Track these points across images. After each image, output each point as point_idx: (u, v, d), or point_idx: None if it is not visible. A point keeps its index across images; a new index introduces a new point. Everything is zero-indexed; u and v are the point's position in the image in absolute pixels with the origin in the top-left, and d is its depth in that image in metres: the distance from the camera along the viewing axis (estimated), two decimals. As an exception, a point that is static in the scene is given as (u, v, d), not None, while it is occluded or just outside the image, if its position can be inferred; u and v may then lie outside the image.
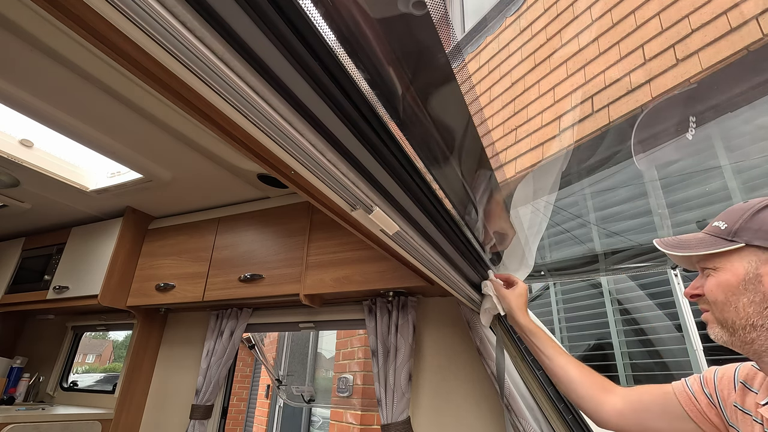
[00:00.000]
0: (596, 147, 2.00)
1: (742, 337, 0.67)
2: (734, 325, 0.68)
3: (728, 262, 0.69)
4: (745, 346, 0.68)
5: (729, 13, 1.78)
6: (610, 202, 2.56)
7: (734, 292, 0.68)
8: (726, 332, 0.70)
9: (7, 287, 2.55)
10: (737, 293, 0.67)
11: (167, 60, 0.45)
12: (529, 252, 1.30)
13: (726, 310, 0.69)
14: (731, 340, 0.69)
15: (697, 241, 0.73)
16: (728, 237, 0.69)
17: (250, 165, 1.74)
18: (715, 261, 0.71)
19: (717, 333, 0.71)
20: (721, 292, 0.69)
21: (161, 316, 2.44)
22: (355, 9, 0.49)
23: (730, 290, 0.68)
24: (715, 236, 0.71)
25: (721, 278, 0.69)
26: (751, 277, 0.66)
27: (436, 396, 1.63)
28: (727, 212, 0.73)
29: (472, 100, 0.81)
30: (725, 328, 0.70)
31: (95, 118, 1.51)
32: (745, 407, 0.72)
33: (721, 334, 0.71)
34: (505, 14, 3.08)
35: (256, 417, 5.26)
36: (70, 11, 0.44)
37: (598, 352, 3.01)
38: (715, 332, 0.72)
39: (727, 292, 0.68)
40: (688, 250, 0.73)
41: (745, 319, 0.67)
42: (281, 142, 0.58)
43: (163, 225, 2.33)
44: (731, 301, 0.68)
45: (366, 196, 0.74)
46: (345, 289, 1.64)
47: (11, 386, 2.51)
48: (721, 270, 0.69)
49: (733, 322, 0.68)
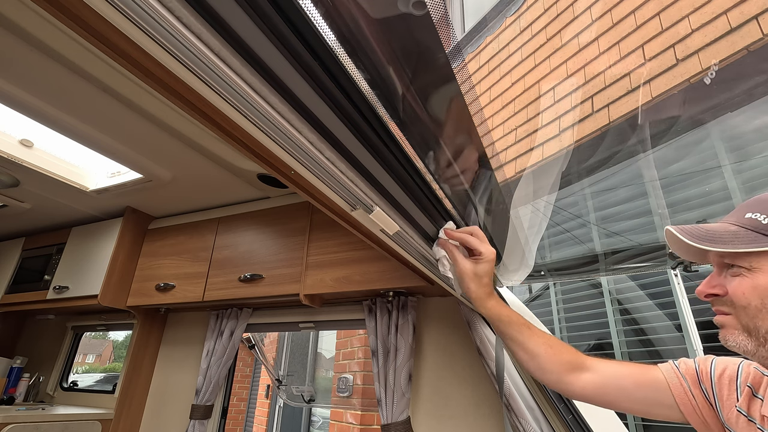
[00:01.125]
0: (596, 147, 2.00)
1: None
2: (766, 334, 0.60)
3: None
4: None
5: (729, 13, 1.78)
6: (610, 202, 2.56)
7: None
8: (753, 341, 0.61)
9: (7, 287, 2.55)
10: None
11: (167, 60, 0.45)
12: (529, 252, 1.30)
13: (759, 317, 0.60)
14: (756, 350, 0.61)
15: (730, 236, 0.62)
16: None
17: (250, 165, 1.74)
18: (751, 259, 0.61)
19: (740, 341, 0.62)
20: (756, 297, 0.60)
21: (161, 316, 2.44)
22: (355, 9, 0.49)
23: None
24: (756, 231, 0.61)
25: (760, 280, 0.60)
26: None
27: (436, 396, 1.63)
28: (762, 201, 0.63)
29: (472, 100, 0.81)
30: (753, 336, 0.61)
31: (95, 118, 1.51)
32: (750, 414, 0.67)
33: (746, 343, 0.62)
34: (505, 14, 3.08)
35: (256, 417, 5.26)
36: (70, 11, 0.44)
37: (598, 352, 3.01)
38: (738, 340, 0.63)
39: (764, 297, 0.59)
40: (720, 245, 0.62)
41: None
42: (281, 142, 0.58)
43: (163, 225, 2.33)
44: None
45: (366, 196, 0.74)
46: (345, 289, 1.64)
47: (11, 386, 2.51)
48: (758, 271, 0.60)
49: (766, 331, 0.59)
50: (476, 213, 1.07)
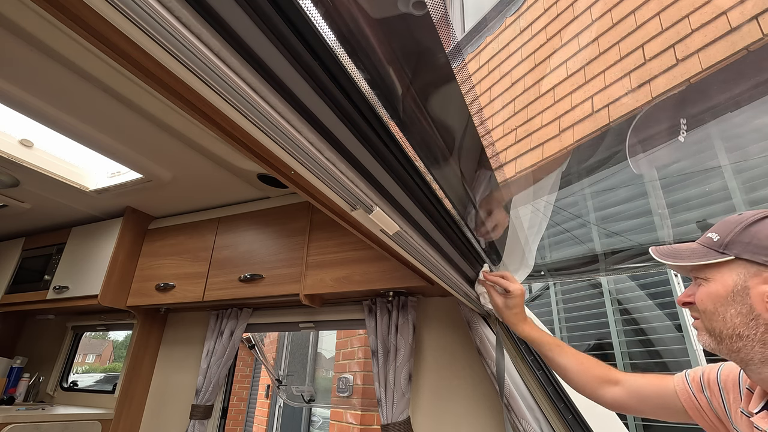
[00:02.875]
0: (596, 147, 2.00)
1: (729, 345, 0.70)
2: (721, 334, 0.70)
3: (718, 274, 0.71)
4: (732, 354, 0.71)
5: (729, 13, 1.78)
6: (610, 202, 2.56)
7: (722, 302, 0.70)
8: (713, 340, 0.72)
9: (7, 287, 2.55)
10: (725, 304, 0.70)
11: (167, 60, 0.45)
12: (529, 252, 1.30)
13: (714, 320, 0.71)
14: (719, 348, 0.72)
15: (689, 252, 0.75)
16: (719, 249, 0.71)
17: (250, 165, 1.74)
18: (706, 271, 0.73)
19: (705, 340, 0.74)
20: (710, 302, 0.72)
21: (161, 316, 2.44)
22: (355, 9, 0.49)
23: (719, 301, 0.70)
24: (708, 247, 0.73)
25: (711, 288, 0.72)
26: (739, 289, 0.68)
27: (436, 396, 1.63)
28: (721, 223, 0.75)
29: (472, 100, 0.81)
30: (713, 336, 0.72)
31: (95, 118, 1.51)
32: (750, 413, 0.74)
33: (709, 341, 0.73)
34: (505, 14, 3.08)
35: (256, 417, 5.26)
36: (70, 11, 0.44)
37: (598, 352, 3.01)
38: (704, 339, 0.75)
39: (716, 303, 0.71)
40: (680, 260, 0.76)
41: (732, 329, 0.69)
42: (281, 142, 0.58)
43: (163, 225, 2.33)
44: (719, 311, 0.70)
45: (366, 196, 0.74)
46: (345, 289, 1.64)
47: (11, 386, 2.51)
48: (712, 281, 0.72)
49: (720, 331, 0.71)
50: (476, 213, 1.06)
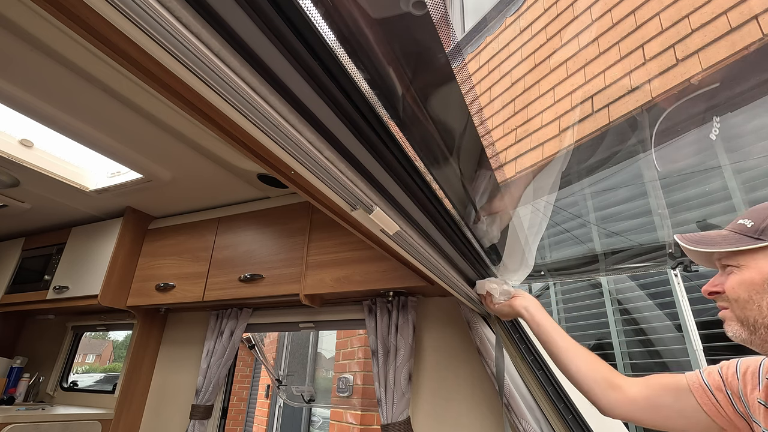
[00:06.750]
0: (596, 147, 2.00)
1: (764, 335, 0.67)
2: (755, 323, 0.68)
3: (753, 260, 0.69)
4: (765, 345, 0.68)
5: (729, 13, 1.78)
6: (610, 202, 2.56)
7: (758, 290, 0.67)
8: (746, 330, 0.69)
9: (7, 287, 2.55)
10: (761, 291, 0.67)
11: (167, 60, 0.45)
12: (529, 252, 1.29)
13: (748, 308, 0.68)
14: (751, 339, 0.69)
15: (720, 238, 0.72)
16: (754, 235, 0.69)
17: (250, 165, 1.74)
18: (739, 258, 0.70)
19: (736, 330, 0.71)
20: (743, 290, 0.69)
21: (161, 316, 2.44)
22: (355, 9, 0.49)
23: (754, 288, 0.68)
24: (741, 234, 0.70)
25: (745, 276, 0.69)
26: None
27: (436, 396, 1.63)
28: (754, 210, 0.72)
29: (472, 100, 0.81)
30: (745, 326, 0.69)
31: (95, 118, 1.51)
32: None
33: (741, 331, 0.70)
34: (505, 14, 3.08)
35: (256, 417, 5.26)
36: (70, 11, 0.44)
37: (598, 352, 3.00)
38: (734, 330, 0.71)
39: (750, 290, 0.68)
40: (711, 246, 0.72)
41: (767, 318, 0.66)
42: (281, 142, 0.58)
43: (163, 225, 2.33)
44: (754, 299, 0.68)
45: (366, 196, 0.74)
46: (345, 289, 1.64)
47: (11, 386, 2.51)
48: (745, 268, 0.69)
49: (755, 320, 0.68)
50: (476, 213, 1.06)
